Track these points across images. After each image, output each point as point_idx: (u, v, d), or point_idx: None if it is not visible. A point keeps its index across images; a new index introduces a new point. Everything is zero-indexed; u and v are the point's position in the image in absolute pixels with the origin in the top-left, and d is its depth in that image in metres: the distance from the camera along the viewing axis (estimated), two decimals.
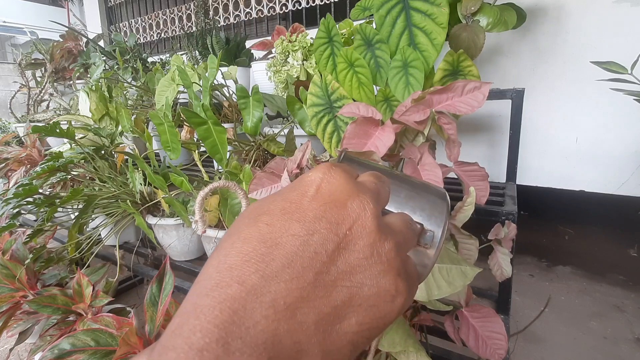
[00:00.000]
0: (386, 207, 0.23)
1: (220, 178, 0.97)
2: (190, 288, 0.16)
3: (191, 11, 2.68)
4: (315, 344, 0.15)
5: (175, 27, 2.82)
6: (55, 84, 2.15)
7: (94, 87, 1.23)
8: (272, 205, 0.18)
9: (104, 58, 1.85)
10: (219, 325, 0.13)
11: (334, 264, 0.16)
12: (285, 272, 0.15)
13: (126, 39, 1.92)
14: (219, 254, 0.16)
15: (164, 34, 2.91)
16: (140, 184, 1.01)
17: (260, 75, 1.34)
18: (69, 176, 1.04)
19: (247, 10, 2.36)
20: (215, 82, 1.09)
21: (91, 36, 2.33)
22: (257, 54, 1.60)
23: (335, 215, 0.17)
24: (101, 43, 2.36)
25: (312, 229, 0.17)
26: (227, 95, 1.24)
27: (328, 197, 0.18)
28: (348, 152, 0.26)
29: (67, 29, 2.18)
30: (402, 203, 0.24)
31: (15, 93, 2.18)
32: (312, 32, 1.09)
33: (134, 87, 1.53)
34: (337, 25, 0.92)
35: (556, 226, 1.53)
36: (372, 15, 0.84)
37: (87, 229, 1.12)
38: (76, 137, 1.02)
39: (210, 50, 1.54)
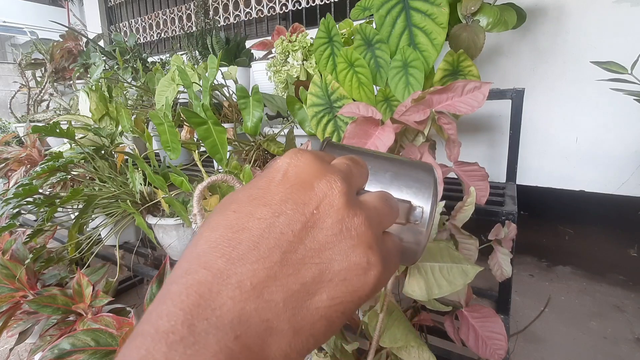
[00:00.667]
0: (373, 188, 0.23)
1: None
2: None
3: (191, 11, 2.68)
4: (285, 321, 0.15)
5: (175, 27, 2.82)
6: (55, 84, 2.15)
7: (94, 87, 1.23)
8: (240, 194, 0.18)
9: (104, 58, 1.85)
10: (184, 308, 0.14)
11: (301, 242, 0.17)
12: (251, 254, 0.16)
13: (126, 39, 1.92)
14: (190, 245, 0.17)
15: (164, 34, 2.91)
16: (140, 184, 1.01)
17: (260, 75, 1.34)
18: (69, 176, 1.04)
19: (247, 10, 2.36)
20: (215, 82, 1.09)
21: (91, 36, 2.33)
22: (257, 54, 1.60)
23: (302, 196, 0.17)
24: (101, 43, 2.36)
25: (278, 211, 0.17)
26: (227, 95, 1.24)
27: (294, 179, 0.18)
28: (331, 140, 0.26)
29: (67, 29, 2.18)
30: (388, 183, 0.24)
31: (15, 93, 2.18)
32: (312, 32, 1.09)
33: (134, 87, 1.53)
34: (337, 25, 0.92)
35: (556, 226, 1.53)
36: (372, 15, 0.84)
37: (87, 229, 1.12)
38: (76, 137, 1.02)
39: (210, 50, 1.54)
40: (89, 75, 1.71)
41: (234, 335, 0.14)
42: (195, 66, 1.44)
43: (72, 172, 1.07)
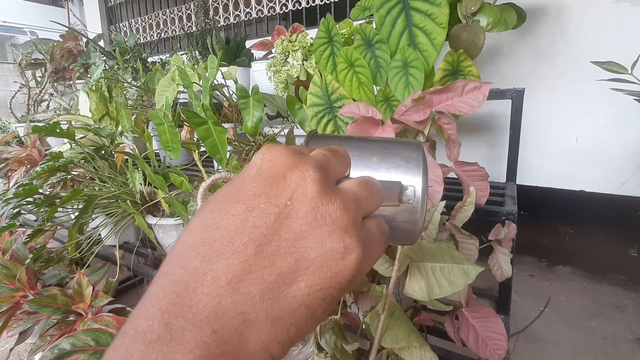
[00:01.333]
0: (361, 174, 0.23)
1: None
2: None
3: (191, 11, 2.68)
4: (262, 312, 0.15)
5: (175, 27, 2.82)
6: (55, 84, 2.15)
7: (94, 87, 1.23)
8: (217, 195, 0.19)
9: (104, 58, 1.85)
10: (161, 308, 0.14)
11: (276, 234, 0.17)
12: (226, 250, 0.16)
13: (126, 39, 1.92)
14: (171, 249, 0.17)
15: (164, 34, 2.91)
16: (140, 184, 1.01)
17: (260, 75, 1.34)
18: (69, 176, 1.04)
19: (247, 10, 2.36)
20: (215, 82, 1.09)
21: (91, 36, 2.33)
22: (257, 54, 1.60)
23: (274, 188, 0.18)
24: (101, 43, 2.36)
25: (252, 205, 0.17)
26: (227, 95, 1.24)
27: (268, 173, 0.18)
28: (316, 132, 0.26)
29: (67, 29, 2.18)
30: (376, 166, 0.24)
31: (15, 93, 2.18)
32: (312, 32, 1.09)
33: (134, 87, 1.53)
34: (337, 25, 0.92)
35: (556, 226, 1.53)
36: (372, 15, 0.84)
37: (87, 229, 1.12)
38: (76, 137, 1.02)
39: (210, 50, 1.54)
40: (89, 75, 1.71)
41: (210, 330, 0.14)
42: (195, 66, 1.44)
43: (72, 172, 1.07)
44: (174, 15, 2.80)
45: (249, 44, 1.62)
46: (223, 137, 0.88)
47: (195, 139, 1.22)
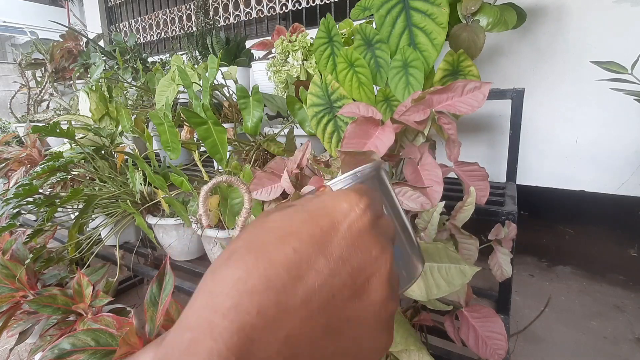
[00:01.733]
0: None
1: None
2: (199, 294, 0.16)
3: (191, 11, 2.68)
4: None
5: (175, 27, 2.82)
6: (55, 84, 2.15)
7: (94, 87, 1.23)
8: (302, 227, 0.18)
9: (104, 58, 1.85)
10: (236, 352, 0.14)
11: (344, 311, 0.17)
12: (303, 309, 0.16)
13: (126, 39, 1.92)
14: (238, 267, 0.16)
15: (164, 34, 2.91)
16: (140, 184, 1.01)
17: (260, 75, 1.34)
18: (69, 176, 1.04)
19: (247, 10, 2.36)
20: (215, 82, 1.09)
21: (91, 36, 2.33)
22: (257, 54, 1.60)
23: (359, 261, 0.17)
24: (101, 43, 2.36)
25: (336, 270, 0.17)
26: (227, 95, 1.24)
27: (357, 238, 0.18)
28: (381, 168, 0.25)
29: (67, 29, 2.18)
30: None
31: (15, 93, 2.18)
32: (312, 32, 1.09)
33: (134, 87, 1.53)
34: (337, 25, 0.92)
35: (556, 226, 1.53)
36: (372, 15, 0.84)
37: (87, 229, 1.12)
38: (76, 137, 1.02)
39: (210, 50, 1.54)
40: (89, 75, 1.71)
41: None
42: (195, 66, 1.44)
43: (72, 172, 1.07)
44: (174, 15, 2.80)
45: (249, 44, 1.62)
46: (223, 137, 0.88)
47: (195, 139, 1.22)
